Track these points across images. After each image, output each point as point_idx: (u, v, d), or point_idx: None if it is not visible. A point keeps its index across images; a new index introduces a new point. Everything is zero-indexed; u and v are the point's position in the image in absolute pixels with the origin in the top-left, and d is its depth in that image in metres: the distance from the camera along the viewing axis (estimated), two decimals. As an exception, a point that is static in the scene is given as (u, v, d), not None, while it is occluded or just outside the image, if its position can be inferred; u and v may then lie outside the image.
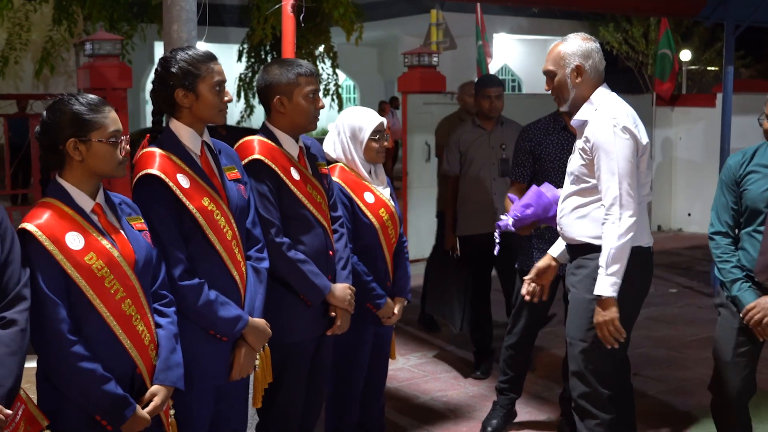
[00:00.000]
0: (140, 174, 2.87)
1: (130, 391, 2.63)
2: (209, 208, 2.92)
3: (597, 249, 3.39)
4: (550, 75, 3.55)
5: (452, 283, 5.77)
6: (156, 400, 2.67)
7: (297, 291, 3.31)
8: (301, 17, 5.17)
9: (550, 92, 3.60)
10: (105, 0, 12.24)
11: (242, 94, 16.11)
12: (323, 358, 3.53)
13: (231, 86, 15.16)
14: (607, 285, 3.31)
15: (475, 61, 9.96)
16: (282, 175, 3.27)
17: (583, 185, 3.48)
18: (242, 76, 16.12)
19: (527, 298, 3.88)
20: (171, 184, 2.86)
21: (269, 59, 14.97)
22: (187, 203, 2.88)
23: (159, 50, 18.75)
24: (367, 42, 12.07)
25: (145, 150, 2.95)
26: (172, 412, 2.80)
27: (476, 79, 6.13)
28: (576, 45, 3.50)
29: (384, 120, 3.76)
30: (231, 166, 3.12)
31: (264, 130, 3.38)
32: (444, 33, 9.71)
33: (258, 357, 3.10)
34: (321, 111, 3.41)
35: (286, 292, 3.31)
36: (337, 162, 3.75)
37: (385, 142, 3.73)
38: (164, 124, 3.04)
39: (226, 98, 3.00)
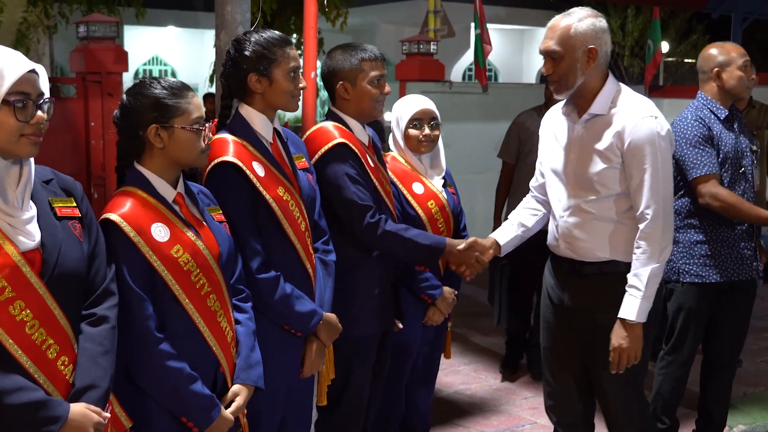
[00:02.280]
0: (215, 161, 2.74)
1: (213, 390, 2.51)
2: (284, 198, 2.81)
3: (624, 267, 3.00)
4: (554, 56, 2.97)
5: (494, 274, 5.52)
6: (239, 400, 2.55)
7: (410, 262, 3.37)
8: (325, 2, 5.05)
9: (549, 76, 3.04)
10: (83, -19, 11.92)
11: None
12: (387, 353, 3.43)
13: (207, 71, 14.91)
14: (642, 310, 2.92)
15: (465, 49, 9.88)
16: (362, 159, 3.18)
17: (606, 193, 2.99)
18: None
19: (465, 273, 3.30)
20: (248, 172, 2.74)
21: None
22: (264, 193, 2.76)
23: (130, 34, 18.50)
24: (346, 30, 11.87)
25: (216, 136, 2.81)
26: (244, 411, 2.68)
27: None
28: (590, 23, 2.96)
29: (428, 107, 3.60)
30: (299, 155, 3.02)
31: (332, 116, 3.26)
32: (442, 21, 9.60)
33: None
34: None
35: (357, 286, 3.20)
36: (391, 152, 3.65)
37: (432, 130, 3.58)
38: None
39: (300, 85, 2.89)
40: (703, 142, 3.70)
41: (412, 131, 3.54)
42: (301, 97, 3.01)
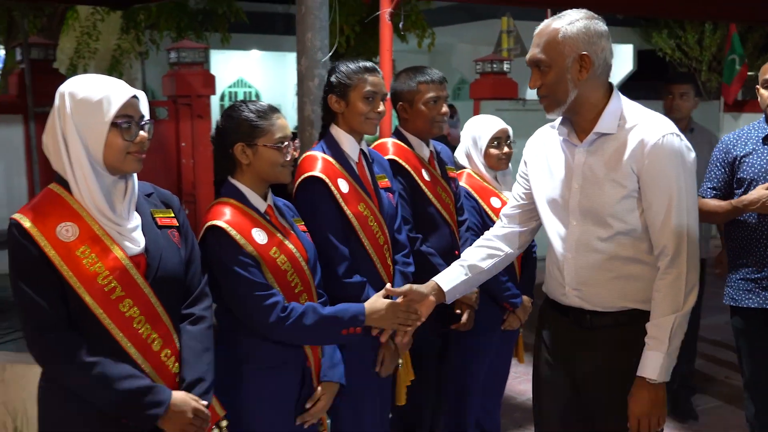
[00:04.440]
0: (305, 175, 3.01)
1: (302, 385, 2.74)
2: (364, 214, 3.05)
3: (642, 316, 2.51)
4: (540, 66, 2.50)
5: None
6: (326, 397, 2.79)
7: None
8: (400, 25, 5.33)
9: (537, 91, 2.57)
10: (172, 9, 12.46)
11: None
12: (450, 355, 3.63)
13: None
14: (666, 367, 2.43)
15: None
16: (414, 174, 3.43)
17: (621, 228, 2.50)
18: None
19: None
20: (332, 187, 2.99)
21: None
22: (345, 208, 3.01)
23: (216, 58, 19.13)
24: (420, 50, 12.08)
25: (307, 153, 3.10)
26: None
27: None
28: (582, 26, 2.46)
29: (506, 126, 3.85)
30: (382, 174, 3.26)
31: (397, 134, 3.55)
32: (515, 40, 9.81)
33: (401, 355, 3.19)
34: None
35: None
36: (465, 168, 3.87)
37: (509, 148, 3.82)
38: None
39: (378, 109, 3.11)
40: (716, 161, 3.76)
41: (493, 150, 3.79)
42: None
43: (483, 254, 2.87)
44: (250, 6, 14.24)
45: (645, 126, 2.48)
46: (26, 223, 2.17)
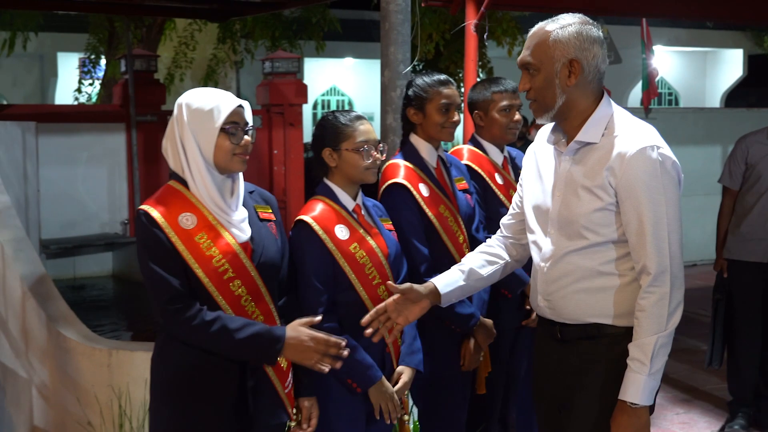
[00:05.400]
0: (389, 182, 3.23)
1: (382, 369, 2.89)
2: (444, 215, 3.25)
3: (616, 333, 2.41)
4: (529, 69, 2.44)
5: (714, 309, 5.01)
6: (404, 378, 2.93)
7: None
8: (485, 36, 5.39)
9: (526, 95, 2.52)
10: (267, 18, 12.78)
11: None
12: (522, 347, 3.69)
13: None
14: (648, 389, 2.32)
15: (639, 74, 9.93)
16: (487, 178, 3.58)
17: (595, 240, 2.40)
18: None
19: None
20: (414, 192, 3.20)
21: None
22: (427, 210, 3.21)
23: (310, 66, 19.49)
24: (515, 56, 12.05)
25: (390, 162, 3.31)
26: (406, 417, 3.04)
27: None
28: (574, 31, 2.39)
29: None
30: (460, 177, 3.45)
31: (473, 140, 3.72)
32: (609, 47, 9.71)
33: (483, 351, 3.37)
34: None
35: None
36: None
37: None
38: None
39: (453, 119, 3.31)
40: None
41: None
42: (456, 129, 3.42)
43: (482, 261, 2.77)
44: (344, 14, 14.46)
45: (625, 137, 2.35)
46: (154, 213, 2.49)
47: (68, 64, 18.60)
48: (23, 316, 4.59)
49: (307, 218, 2.85)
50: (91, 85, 13.65)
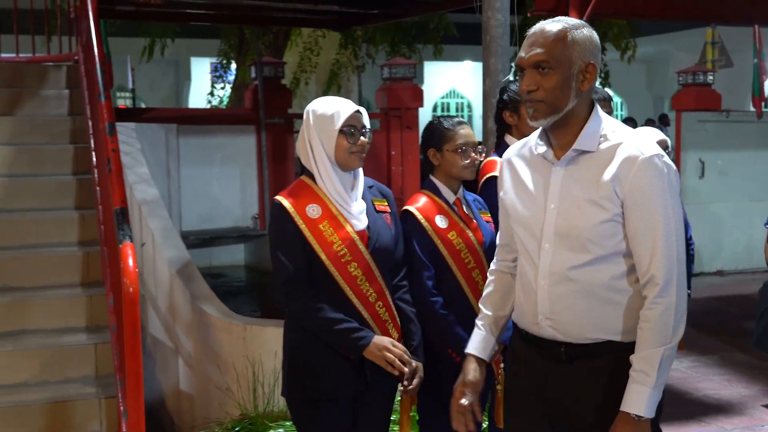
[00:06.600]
0: (487, 176, 3.60)
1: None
2: None
3: (618, 347, 2.30)
4: (545, 68, 2.26)
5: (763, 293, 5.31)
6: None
7: None
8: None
9: (528, 92, 2.30)
10: (387, 25, 13.32)
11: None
12: None
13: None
14: (653, 402, 2.23)
15: (751, 78, 9.97)
16: None
17: (600, 254, 2.28)
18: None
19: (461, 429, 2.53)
20: None
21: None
22: None
23: (430, 69, 19.91)
24: (636, 58, 12.11)
25: (488, 159, 3.68)
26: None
27: None
28: (587, 34, 2.28)
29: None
30: None
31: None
32: (720, 51, 9.79)
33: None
34: None
35: None
36: None
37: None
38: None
39: None
40: None
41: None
42: None
43: (498, 297, 2.65)
44: (462, 17, 14.78)
45: (629, 144, 2.26)
46: (285, 203, 2.89)
47: (200, 69, 19.65)
48: (171, 295, 5.22)
49: (411, 208, 3.26)
50: (222, 89, 14.50)
